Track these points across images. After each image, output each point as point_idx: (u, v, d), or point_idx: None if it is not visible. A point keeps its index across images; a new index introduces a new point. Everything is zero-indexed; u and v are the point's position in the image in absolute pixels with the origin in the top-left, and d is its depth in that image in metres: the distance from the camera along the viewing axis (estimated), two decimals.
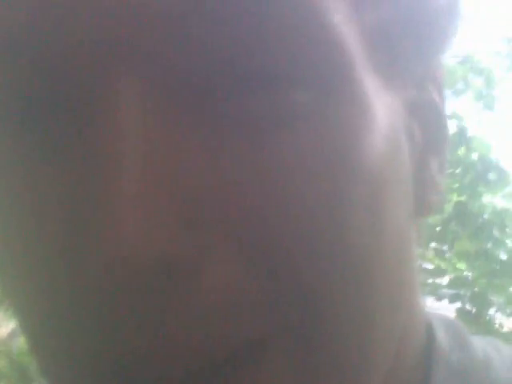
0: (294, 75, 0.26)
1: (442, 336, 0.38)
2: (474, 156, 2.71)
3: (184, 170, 0.25)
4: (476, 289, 2.69)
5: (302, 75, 0.27)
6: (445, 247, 2.73)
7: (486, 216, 2.70)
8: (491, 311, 2.68)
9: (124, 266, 0.23)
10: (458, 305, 2.70)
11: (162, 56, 0.25)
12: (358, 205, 0.28)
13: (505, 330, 2.69)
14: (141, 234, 0.23)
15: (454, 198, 2.69)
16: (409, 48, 0.31)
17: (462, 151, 2.65)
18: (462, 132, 2.60)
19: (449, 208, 2.62)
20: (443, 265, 2.73)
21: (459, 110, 2.68)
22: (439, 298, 2.69)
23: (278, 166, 0.26)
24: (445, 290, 2.67)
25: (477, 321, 2.67)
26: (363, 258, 0.28)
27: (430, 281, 2.69)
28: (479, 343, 0.39)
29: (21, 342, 3.61)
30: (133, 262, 0.23)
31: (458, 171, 2.64)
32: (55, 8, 0.25)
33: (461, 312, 2.70)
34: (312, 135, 0.27)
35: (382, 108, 0.29)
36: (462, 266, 2.76)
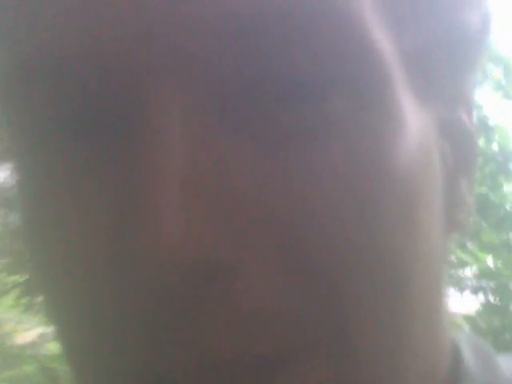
0: (335, 87, 0.27)
1: (468, 357, 0.38)
2: (495, 146, 2.69)
3: (225, 179, 0.26)
4: (499, 280, 2.68)
5: (342, 87, 0.27)
6: (467, 239, 2.71)
7: (508, 207, 2.71)
8: None
9: (168, 268, 0.24)
10: (481, 297, 2.69)
11: (206, 70, 0.26)
12: (391, 217, 0.28)
13: None
14: (184, 238, 0.24)
15: (475, 189, 2.66)
16: (443, 69, 0.32)
17: (481, 142, 2.62)
18: (481, 122, 2.56)
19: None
20: (465, 257, 2.71)
21: (478, 99, 2.61)
22: (461, 290, 2.68)
23: (316, 175, 0.27)
24: (468, 282, 2.66)
25: (501, 312, 2.66)
26: (397, 273, 0.28)
27: (453, 272, 2.67)
28: (506, 363, 0.39)
29: (50, 347, 3.64)
30: (176, 264, 0.24)
31: (478, 162, 2.60)
32: (103, 27, 0.26)
33: (484, 304, 2.69)
34: (349, 145, 0.27)
35: (416, 125, 0.30)
36: (484, 257, 2.75)
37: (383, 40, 0.28)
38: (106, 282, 0.27)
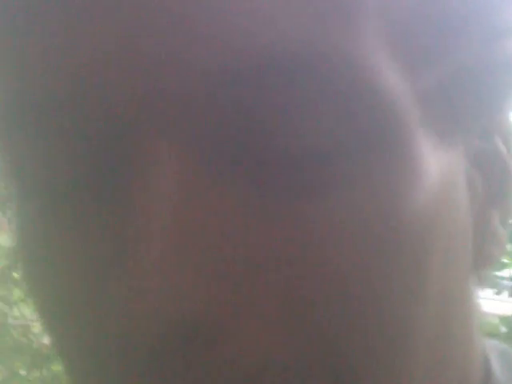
0: (343, 148, 0.26)
1: (498, 369, 0.38)
2: None
3: (216, 233, 0.25)
4: None
5: (352, 143, 0.26)
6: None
7: None
8: None
9: (147, 324, 0.24)
10: None
11: (202, 121, 0.26)
12: (401, 276, 0.27)
13: None
14: (169, 293, 0.24)
15: None
16: (469, 104, 0.31)
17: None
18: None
19: None
20: (506, 259, 2.68)
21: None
22: (499, 292, 2.67)
23: (317, 235, 0.26)
24: (506, 283, 2.63)
25: None
26: (405, 332, 0.27)
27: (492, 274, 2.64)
28: None
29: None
30: (157, 320, 0.24)
31: None
32: (96, 70, 0.26)
33: None
34: (362, 197, 0.26)
35: (437, 165, 0.29)
36: None
37: (397, 84, 0.27)
38: (92, 330, 0.27)
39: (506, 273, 2.70)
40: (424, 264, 0.28)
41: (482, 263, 0.34)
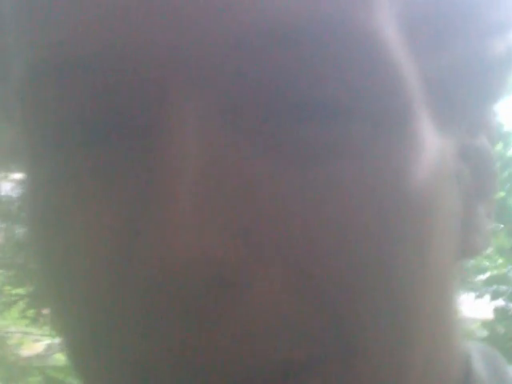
0: (355, 108, 0.27)
1: (479, 367, 0.38)
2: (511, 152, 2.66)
3: (242, 190, 0.26)
4: None
5: (362, 108, 0.27)
6: None
7: None
8: None
9: (180, 271, 0.24)
10: (499, 302, 2.67)
11: (227, 81, 0.27)
12: (404, 238, 0.28)
13: None
14: (198, 242, 0.24)
15: None
16: (465, 95, 0.33)
17: (499, 147, 2.59)
18: (498, 127, 2.52)
19: None
20: (484, 261, 2.69)
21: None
22: (480, 296, 2.67)
23: (332, 193, 0.27)
24: (486, 288, 2.64)
25: None
26: (406, 291, 0.28)
27: (471, 279, 2.65)
28: None
29: (56, 358, 3.64)
30: (189, 268, 0.24)
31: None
32: (129, 30, 0.27)
33: (502, 310, 2.66)
34: (365, 165, 0.27)
35: (434, 150, 0.30)
36: (502, 262, 2.73)
37: (407, 63, 0.29)
38: (117, 286, 0.27)
39: (486, 277, 2.72)
40: (424, 238, 0.29)
41: (467, 253, 0.35)
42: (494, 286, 2.65)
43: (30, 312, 2.99)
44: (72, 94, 0.28)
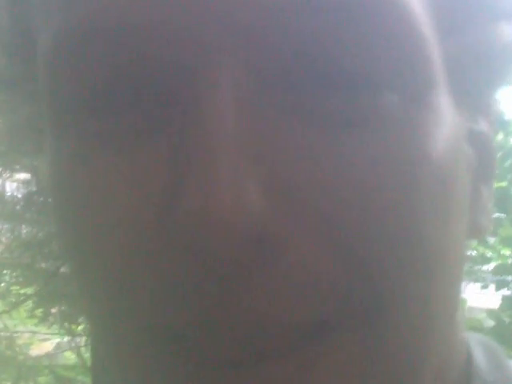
0: (384, 80, 0.28)
1: (479, 357, 0.39)
2: None
3: (280, 153, 0.27)
4: None
5: (390, 81, 0.28)
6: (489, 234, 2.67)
7: None
8: None
9: (221, 228, 0.25)
10: (504, 292, 2.66)
11: (263, 47, 0.27)
12: (429, 202, 0.29)
13: None
14: (239, 200, 0.25)
15: (495, 184, 2.64)
16: (477, 80, 0.34)
17: (500, 136, 2.59)
18: (499, 117, 2.50)
19: None
20: (488, 252, 2.69)
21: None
22: (485, 286, 2.67)
23: (364, 161, 0.28)
24: (491, 277, 2.64)
25: None
26: (429, 254, 0.29)
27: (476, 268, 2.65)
28: None
29: (65, 356, 3.65)
30: (229, 226, 0.25)
31: (497, 157, 2.58)
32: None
33: (508, 298, 2.66)
34: (393, 135, 0.28)
35: (452, 126, 0.31)
36: (507, 252, 2.72)
37: (432, 40, 0.30)
38: (154, 246, 0.27)
39: (491, 267, 2.71)
40: (444, 199, 0.30)
41: (474, 234, 0.36)
42: (499, 277, 2.65)
43: (39, 311, 3.00)
44: (105, 62, 0.29)
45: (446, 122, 0.31)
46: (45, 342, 3.55)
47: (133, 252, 0.28)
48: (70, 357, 3.57)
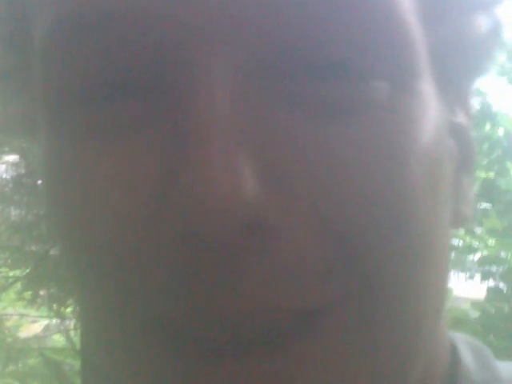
0: (372, 68, 0.29)
1: (466, 357, 0.39)
2: (500, 132, 2.67)
3: (269, 134, 0.28)
4: (507, 266, 2.65)
5: (379, 68, 0.29)
6: (475, 225, 2.69)
7: None
8: None
9: (216, 214, 0.25)
10: (490, 283, 2.67)
11: (257, 35, 0.28)
12: (417, 185, 0.30)
13: None
14: (234, 186, 0.25)
15: (482, 175, 2.66)
16: (456, 68, 0.35)
17: (487, 127, 2.60)
18: (486, 108, 2.55)
19: (477, 185, 2.58)
20: (474, 242, 2.70)
21: (482, 85, 2.63)
22: (471, 276, 2.68)
23: (353, 147, 0.28)
24: (477, 268, 2.64)
25: (508, 299, 2.64)
26: (417, 238, 0.30)
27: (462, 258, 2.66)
28: (505, 365, 0.40)
29: (54, 339, 3.64)
30: (224, 211, 0.25)
31: (484, 148, 2.59)
32: None
33: (493, 290, 2.67)
34: (380, 121, 0.29)
35: (436, 112, 0.32)
36: (493, 242, 2.73)
37: (417, 28, 0.31)
38: (148, 231, 0.28)
39: (476, 257, 2.72)
40: (431, 183, 0.31)
41: (456, 223, 0.36)
42: (486, 267, 2.66)
43: (27, 294, 2.99)
44: (100, 49, 0.29)
45: (430, 109, 0.31)
46: (33, 324, 3.56)
47: (126, 237, 0.29)
48: (58, 339, 3.58)
